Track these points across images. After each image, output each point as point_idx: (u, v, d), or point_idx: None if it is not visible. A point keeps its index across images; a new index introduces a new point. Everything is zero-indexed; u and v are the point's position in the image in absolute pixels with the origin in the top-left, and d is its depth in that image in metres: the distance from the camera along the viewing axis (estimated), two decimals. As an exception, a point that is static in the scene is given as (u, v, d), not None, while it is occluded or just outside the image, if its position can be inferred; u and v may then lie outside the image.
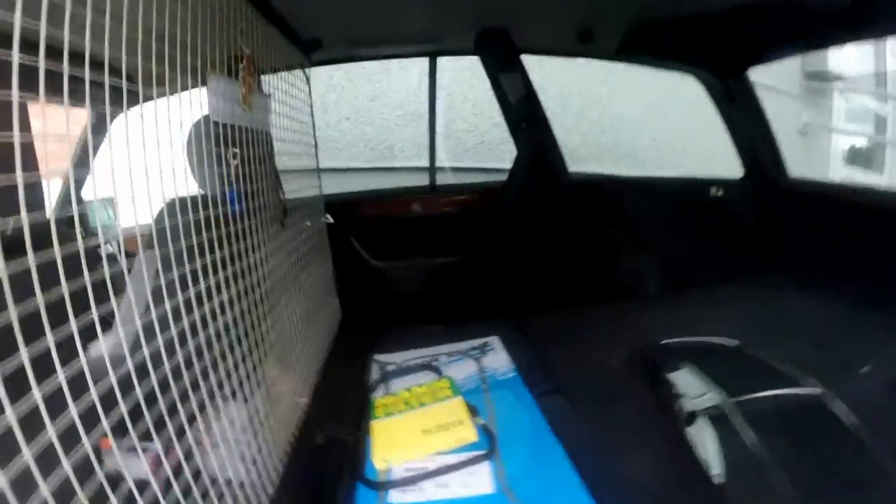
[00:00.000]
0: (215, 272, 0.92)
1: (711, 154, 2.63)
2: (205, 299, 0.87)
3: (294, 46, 1.71)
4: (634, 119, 3.41)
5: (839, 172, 4.92)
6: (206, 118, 1.03)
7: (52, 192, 0.84)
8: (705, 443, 1.23)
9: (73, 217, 0.62)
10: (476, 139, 3.12)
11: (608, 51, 2.15)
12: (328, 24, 1.75)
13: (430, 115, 2.42)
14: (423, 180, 2.58)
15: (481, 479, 1.13)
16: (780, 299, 2.04)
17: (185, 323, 0.80)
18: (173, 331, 0.76)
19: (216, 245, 0.94)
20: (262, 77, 1.46)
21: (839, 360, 1.58)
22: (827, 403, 1.30)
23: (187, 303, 0.81)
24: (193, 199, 0.89)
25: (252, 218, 1.14)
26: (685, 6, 1.76)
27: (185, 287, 0.81)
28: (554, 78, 3.03)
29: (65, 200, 0.67)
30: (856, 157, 5.07)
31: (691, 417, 1.30)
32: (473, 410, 1.34)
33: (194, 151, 1.12)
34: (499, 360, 1.69)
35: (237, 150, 1.08)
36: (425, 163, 2.65)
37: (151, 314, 0.73)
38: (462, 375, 1.61)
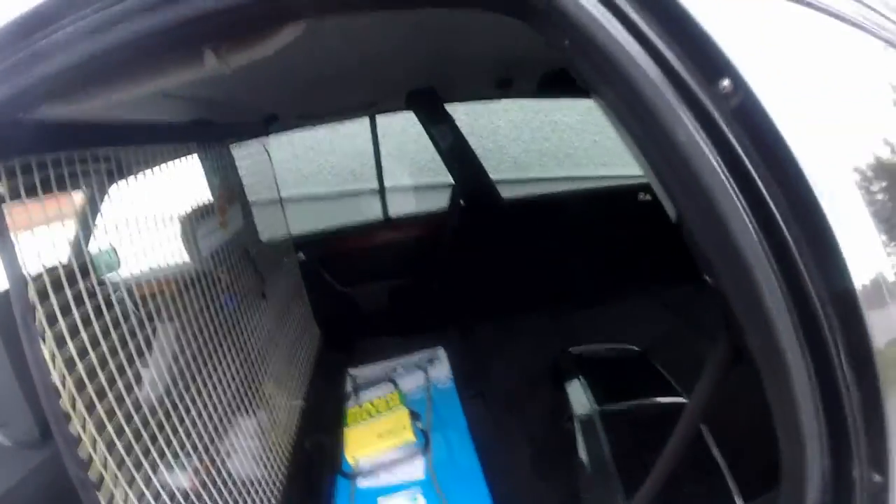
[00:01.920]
0: (217, 337, 1.54)
1: None
2: (214, 354, 1.49)
3: (254, 124, 2.28)
4: (575, 123, 3.82)
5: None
6: (184, 221, 1.60)
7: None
8: (579, 445, 1.69)
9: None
10: (427, 157, 3.61)
11: (527, 93, 2.64)
12: (281, 104, 2.20)
13: (377, 164, 2.93)
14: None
15: (416, 467, 1.80)
16: (694, 301, 2.41)
17: (200, 369, 1.41)
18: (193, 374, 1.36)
19: (215, 323, 1.55)
20: (232, 147, 2.08)
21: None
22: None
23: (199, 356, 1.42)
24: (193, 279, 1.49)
25: (241, 304, 1.77)
26: None
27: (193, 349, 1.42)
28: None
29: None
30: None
31: (569, 420, 1.80)
32: (416, 416, 2.01)
33: (190, 241, 1.70)
34: (442, 370, 2.35)
35: (224, 267, 1.70)
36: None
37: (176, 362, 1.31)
38: (413, 385, 2.28)
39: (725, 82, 0.58)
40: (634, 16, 0.60)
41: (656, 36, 0.59)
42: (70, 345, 0.93)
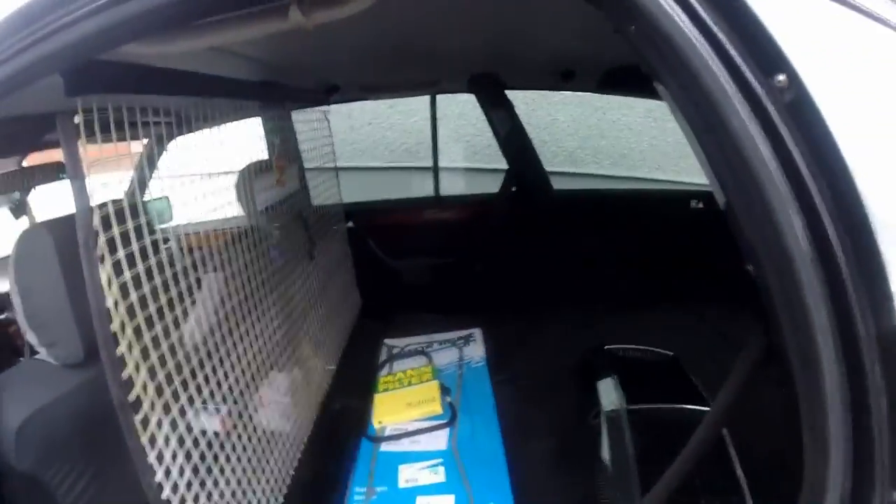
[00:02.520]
0: (261, 290, 1.57)
1: None
2: (254, 307, 1.53)
3: (316, 92, 2.32)
4: (633, 124, 3.76)
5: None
6: (244, 172, 1.64)
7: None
8: (603, 441, 1.68)
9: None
10: (484, 142, 3.61)
11: (589, 86, 2.58)
12: (344, 74, 2.23)
13: (433, 142, 2.95)
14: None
15: (439, 439, 1.82)
16: (734, 317, 2.36)
17: (243, 319, 1.44)
18: (236, 324, 1.39)
19: (262, 276, 1.59)
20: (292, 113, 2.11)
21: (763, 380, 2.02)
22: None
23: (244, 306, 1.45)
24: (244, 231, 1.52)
25: (289, 261, 1.81)
26: None
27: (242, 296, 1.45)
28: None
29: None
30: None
31: (597, 416, 1.79)
32: (446, 390, 2.02)
33: (241, 198, 1.71)
34: (476, 350, 2.36)
35: (277, 224, 1.73)
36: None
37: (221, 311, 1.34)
38: (446, 361, 2.29)
39: (781, 77, 0.59)
40: (698, 6, 0.61)
41: (718, 28, 0.61)
42: (126, 273, 0.97)
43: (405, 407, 1.95)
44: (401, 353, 2.41)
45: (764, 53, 0.59)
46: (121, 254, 0.96)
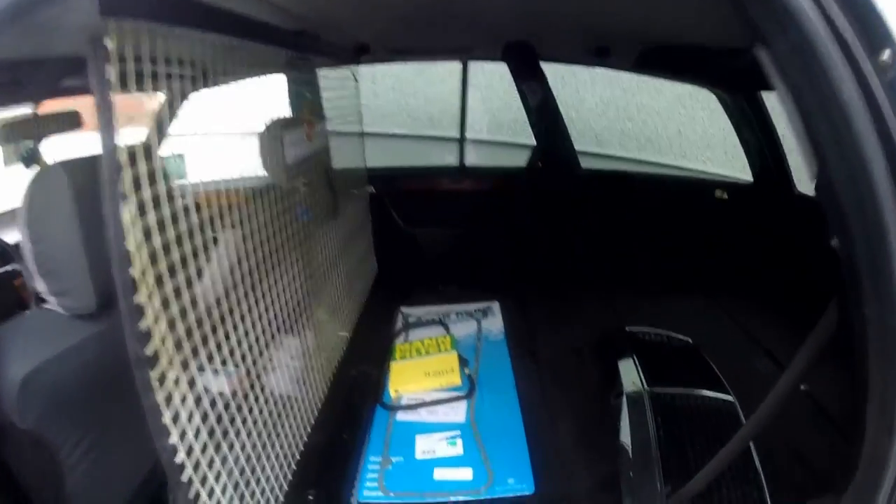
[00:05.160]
0: (283, 248, 1.46)
1: (735, 148, 2.78)
2: (275, 266, 1.41)
3: (345, 51, 2.19)
4: (661, 109, 3.64)
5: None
6: (273, 125, 1.52)
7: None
8: (623, 423, 1.61)
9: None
10: (510, 116, 3.49)
11: (624, 65, 2.49)
12: (375, 34, 2.14)
13: (462, 111, 2.81)
14: (456, 148, 3.02)
15: (458, 411, 1.72)
16: (753, 308, 2.32)
17: (266, 276, 1.33)
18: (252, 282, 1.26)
19: (287, 233, 1.48)
20: (320, 71, 1.99)
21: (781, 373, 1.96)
22: (735, 410, 1.57)
23: (260, 266, 1.33)
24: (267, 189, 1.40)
25: (314, 219, 1.70)
26: (693, 37, 1.95)
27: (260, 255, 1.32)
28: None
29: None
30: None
31: (618, 396, 1.71)
32: (465, 362, 1.93)
33: (266, 155, 1.60)
34: (495, 323, 2.26)
35: (304, 180, 1.62)
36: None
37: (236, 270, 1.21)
38: (464, 333, 2.19)
39: (886, 54, 0.59)
40: None
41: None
42: (151, 215, 0.86)
43: (423, 376, 1.85)
44: (417, 322, 2.30)
45: (871, 29, 0.59)
46: (146, 194, 0.85)
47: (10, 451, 1.02)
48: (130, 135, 0.87)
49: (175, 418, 0.90)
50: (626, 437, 1.56)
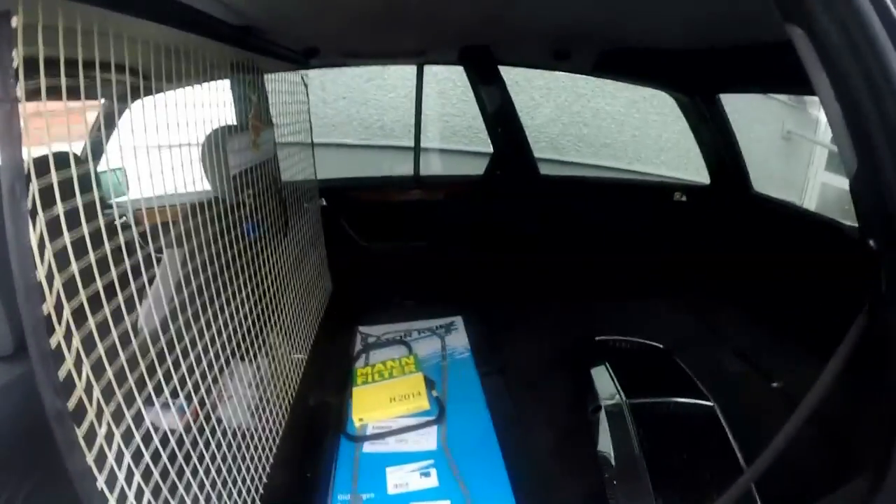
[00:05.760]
0: (230, 268, 1.30)
1: (688, 152, 2.80)
2: (221, 288, 1.25)
3: (294, 53, 2.04)
4: (616, 113, 3.63)
5: (819, 177, 4.92)
6: (217, 132, 1.37)
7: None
8: (602, 435, 1.56)
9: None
10: (464, 123, 3.40)
11: (584, 68, 2.43)
12: (325, 35, 2.00)
13: (417, 117, 2.67)
14: (409, 157, 2.90)
15: (428, 438, 1.58)
16: (719, 308, 2.32)
17: (207, 302, 1.17)
18: (197, 307, 1.10)
19: (232, 251, 1.32)
20: (266, 76, 1.83)
21: (754, 373, 1.92)
22: (716, 415, 1.56)
23: (207, 288, 1.17)
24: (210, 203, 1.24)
25: (262, 238, 1.54)
26: (652, 40, 1.96)
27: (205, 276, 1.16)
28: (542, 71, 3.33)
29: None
30: (834, 163, 5.13)
31: (596, 410, 1.65)
32: (431, 384, 1.79)
33: (208, 165, 1.44)
34: (459, 339, 2.14)
35: (251, 191, 1.47)
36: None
37: (179, 295, 1.04)
38: (428, 351, 2.06)
39: None
40: None
41: None
42: (66, 236, 0.71)
43: (388, 402, 1.71)
44: (378, 342, 2.16)
45: None
46: (59, 208, 0.70)
47: None
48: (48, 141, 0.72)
49: (111, 482, 0.74)
50: (606, 448, 1.51)
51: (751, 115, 3.33)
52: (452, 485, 1.43)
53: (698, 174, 2.61)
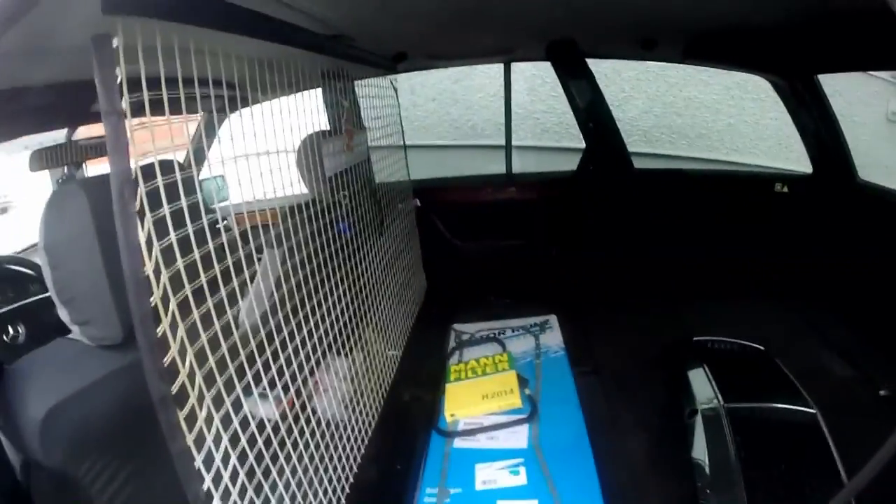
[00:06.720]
0: (327, 266, 1.35)
1: (788, 140, 2.62)
2: (319, 285, 1.30)
3: (383, 58, 2.10)
4: (711, 102, 3.47)
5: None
6: (312, 137, 1.43)
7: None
8: (698, 441, 1.48)
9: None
10: (554, 120, 3.37)
11: (673, 56, 2.33)
12: (412, 41, 2.04)
13: (506, 116, 2.67)
14: (501, 156, 2.91)
15: (519, 436, 1.58)
16: (822, 308, 2.17)
17: (305, 299, 1.22)
18: (296, 303, 1.16)
19: (329, 250, 1.37)
20: (357, 82, 1.90)
21: (861, 378, 1.79)
22: (817, 423, 1.46)
23: (305, 284, 1.23)
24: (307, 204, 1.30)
25: (358, 236, 1.59)
26: (745, 18, 1.82)
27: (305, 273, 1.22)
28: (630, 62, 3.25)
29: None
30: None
31: (692, 414, 1.57)
32: (524, 382, 1.78)
33: (304, 167, 1.51)
34: (554, 338, 2.11)
35: (346, 193, 1.52)
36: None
37: (279, 291, 1.10)
38: (521, 349, 2.05)
39: None
40: None
41: None
42: (172, 233, 0.76)
43: (480, 398, 1.72)
44: (471, 339, 2.18)
45: None
46: (165, 209, 0.75)
47: (37, 488, 0.95)
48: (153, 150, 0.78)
49: (208, 462, 0.79)
50: (701, 455, 1.43)
51: (851, 97, 3.06)
52: (541, 485, 1.42)
53: (799, 164, 2.42)
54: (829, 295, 2.20)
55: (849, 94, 3.15)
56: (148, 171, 0.75)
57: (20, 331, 1.54)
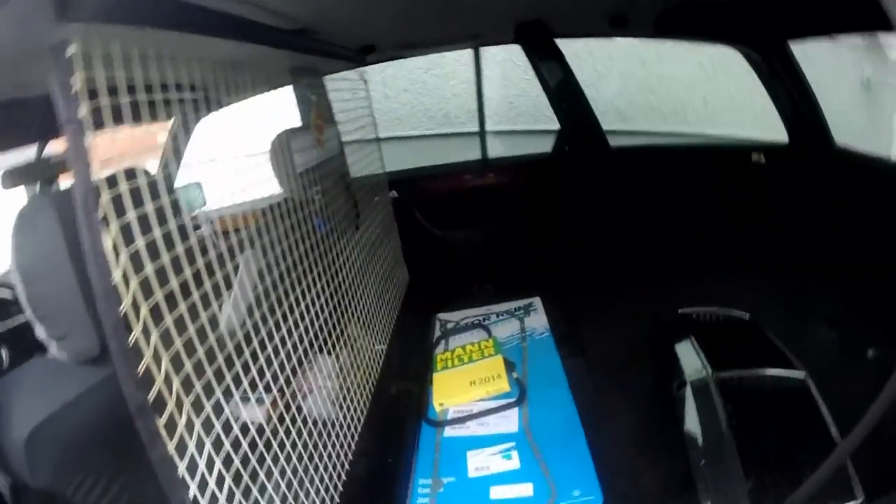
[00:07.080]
0: (303, 262, 1.34)
1: (764, 111, 2.63)
2: (297, 282, 1.29)
3: (351, 51, 2.07)
4: (684, 77, 3.45)
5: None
6: (282, 134, 1.43)
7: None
8: (689, 412, 1.50)
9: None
10: (527, 103, 3.37)
11: (643, 32, 2.33)
12: (379, 31, 2.01)
13: (479, 102, 2.67)
14: (477, 143, 2.90)
15: (510, 420, 1.58)
16: (806, 275, 2.14)
17: (283, 297, 1.21)
18: (273, 302, 1.15)
19: (305, 246, 1.36)
20: (326, 77, 1.88)
21: (848, 342, 1.80)
22: (807, 387, 1.48)
23: (281, 282, 1.22)
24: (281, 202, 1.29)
25: (333, 231, 1.58)
26: None
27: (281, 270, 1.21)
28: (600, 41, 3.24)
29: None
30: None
31: (681, 386, 1.58)
32: (511, 365, 1.78)
33: (277, 165, 1.50)
34: (538, 320, 2.11)
35: (318, 188, 1.50)
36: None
37: (256, 291, 1.10)
38: (507, 333, 2.05)
39: None
40: None
41: None
42: (139, 239, 0.75)
43: (468, 386, 1.71)
44: (456, 327, 2.17)
45: None
46: (131, 215, 0.74)
47: None
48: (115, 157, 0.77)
49: (191, 469, 0.78)
50: (693, 427, 1.44)
51: (823, 66, 3.07)
52: (534, 467, 1.42)
53: (776, 132, 2.43)
54: (813, 262, 2.22)
55: (820, 63, 3.17)
56: (113, 179, 0.74)
57: (3, 356, 1.52)
